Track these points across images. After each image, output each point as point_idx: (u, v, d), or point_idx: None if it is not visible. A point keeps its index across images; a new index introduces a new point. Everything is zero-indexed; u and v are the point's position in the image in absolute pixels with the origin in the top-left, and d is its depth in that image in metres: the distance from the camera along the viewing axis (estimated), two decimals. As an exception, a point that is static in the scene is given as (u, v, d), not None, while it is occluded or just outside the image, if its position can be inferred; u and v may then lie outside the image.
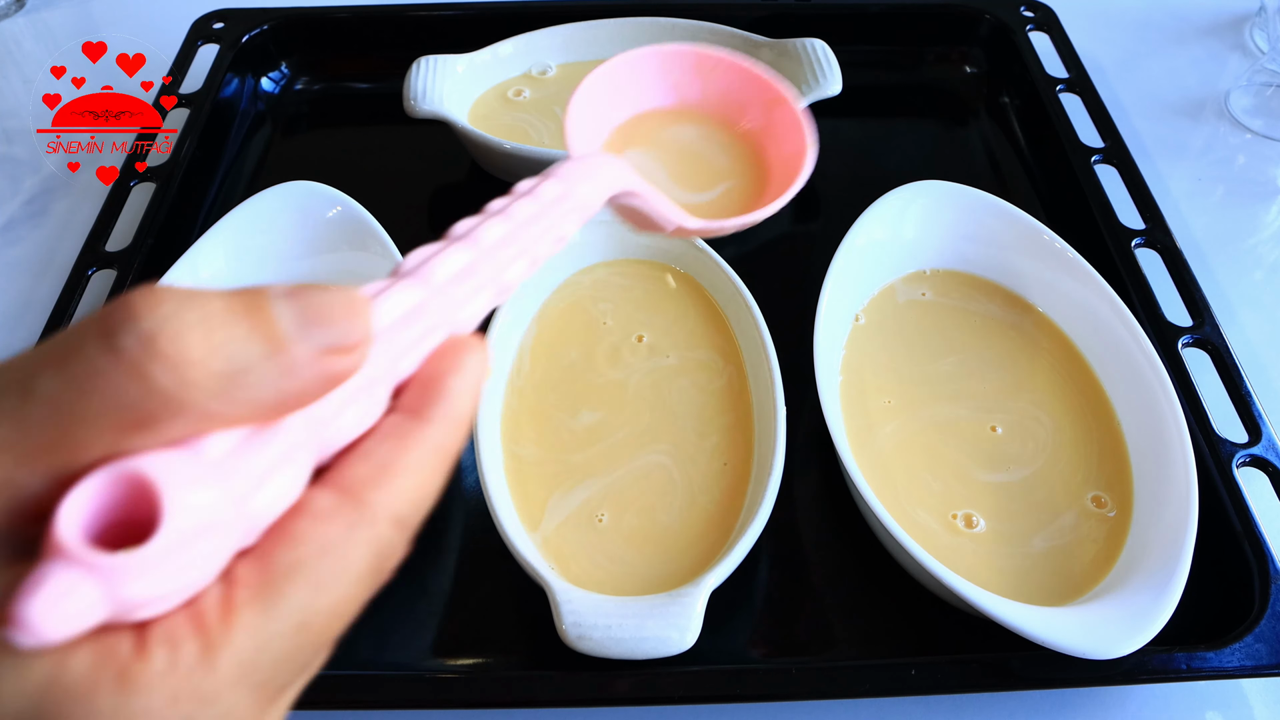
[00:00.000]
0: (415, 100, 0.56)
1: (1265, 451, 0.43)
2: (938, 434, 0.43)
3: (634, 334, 0.48)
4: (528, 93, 0.62)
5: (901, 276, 0.50)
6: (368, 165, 0.62)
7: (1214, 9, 0.75)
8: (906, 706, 0.39)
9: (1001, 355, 0.47)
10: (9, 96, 0.69)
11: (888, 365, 0.46)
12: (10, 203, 0.60)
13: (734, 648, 0.40)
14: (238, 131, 0.64)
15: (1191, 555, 0.37)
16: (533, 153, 0.55)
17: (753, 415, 0.44)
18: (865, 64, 0.65)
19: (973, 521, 0.41)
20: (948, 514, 0.41)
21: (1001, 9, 0.68)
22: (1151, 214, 0.54)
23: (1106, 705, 0.39)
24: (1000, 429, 0.44)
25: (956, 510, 0.41)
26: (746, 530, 0.37)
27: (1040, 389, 0.45)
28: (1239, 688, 0.40)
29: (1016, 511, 0.41)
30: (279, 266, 0.49)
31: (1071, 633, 0.35)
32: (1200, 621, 0.38)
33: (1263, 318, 0.53)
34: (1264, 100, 0.66)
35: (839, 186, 0.60)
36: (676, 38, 0.64)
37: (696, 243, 0.49)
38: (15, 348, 0.50)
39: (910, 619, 0.40)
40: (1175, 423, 0.41)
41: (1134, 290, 0.50)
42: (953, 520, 0.41)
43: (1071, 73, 0.63)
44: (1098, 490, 0.42)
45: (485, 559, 0.42)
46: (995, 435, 0.44)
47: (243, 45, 0.65)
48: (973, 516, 0.41)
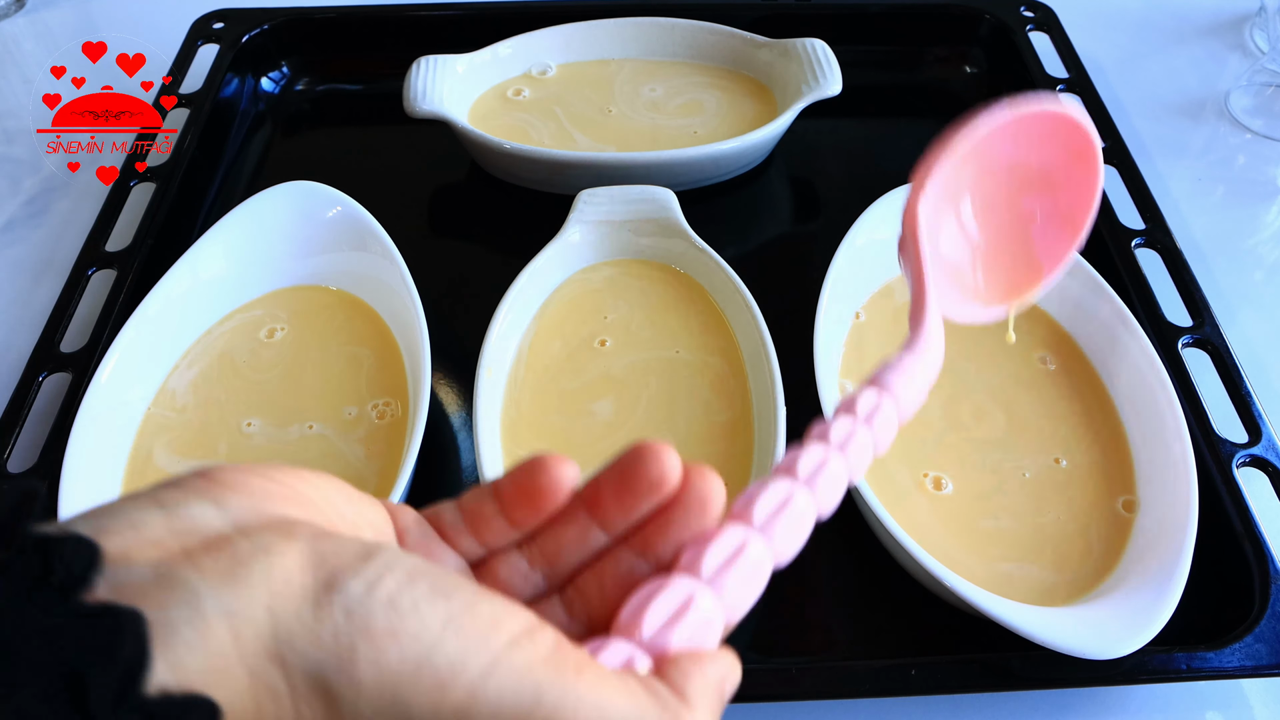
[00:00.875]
0: (415, 100, 0.56)
1: (1265, 451, 0.43)
2: (938, 433, 0.43)
3: (634, 334, 0.48)
4: (527, 93, 0.62)
5: (901, 276, 0.50)
6: (368, 165, 0.62)
7: (1214, 9, 0.75)
8: (906, 706, 0.39)
9: (1001, 355, 0.47)
10: (9, 96, 0.69)
11: (888, 365, 0.46)
12: (10, 203, 0.60)
13: (734, 648, 0.39)
14: (238, 131, 0.64)
15: (1191, 555, 0.37)
16: (532, 153, 0.55)
17: (753, 415, 0.44)
18: (865, 64, 0.65)
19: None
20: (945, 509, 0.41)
21: (1001, 9, 0.68)
22: (1151, 214, 0.54)
23: (1106, 705, 0.39)
24: (1001, 429, 0.44)
25: (958, 508, 0.41)
26: (746, 530, 0.37)
27: (1040, 388, 0.45)
28: (1239, 688, 0.40)
29: (1018, 511, 0.41)
30: (279, 266, 0.49)
31: (1071, 633, 0.35)
32: (1200, 621, 0.38)
33: (1263, 318, 0.53)
34: (1264, 100, 0.66)
35: (839, 186, 0.60)
36: (676, 38, 0.64)
37: (697, 242, 0.49)
38: (15, 348, 0.50)
39: (910, 619, 0.40)
40: (1175, 423, 0.41)
41: (1134, 290, 0.50)
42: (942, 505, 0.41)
43: (1071, 73, 0.63)
44: (1098, 490, 0.42)
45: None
46: (996, 435, 0.44)
47: (243, 45, 0.65)
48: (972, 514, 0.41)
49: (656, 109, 0.61)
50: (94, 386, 0.42)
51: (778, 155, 0.61)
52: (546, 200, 0.57)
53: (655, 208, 0.50)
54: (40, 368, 0.46)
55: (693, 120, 0.60)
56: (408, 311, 0.45)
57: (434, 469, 0.45)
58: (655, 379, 0.46)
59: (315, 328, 0.48)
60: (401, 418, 0.44)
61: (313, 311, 0.49)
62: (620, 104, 0.61)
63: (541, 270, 0.48)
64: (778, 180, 0.61)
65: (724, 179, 0.59)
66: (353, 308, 0.49)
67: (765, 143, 0.58)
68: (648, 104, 0.61)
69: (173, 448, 0.43)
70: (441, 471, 0.45)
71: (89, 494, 0.40)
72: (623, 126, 0.60)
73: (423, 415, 0.41)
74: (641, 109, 0.61)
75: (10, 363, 0.49)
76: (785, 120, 0.57)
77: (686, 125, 0.60)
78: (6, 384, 0.46)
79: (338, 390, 0.45)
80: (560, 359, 0.47)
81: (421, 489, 0.44)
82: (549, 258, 0.49)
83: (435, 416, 0.47)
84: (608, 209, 0.50)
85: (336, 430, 0.44)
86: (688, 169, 0.57)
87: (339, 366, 0.46)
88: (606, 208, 0.50)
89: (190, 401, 0.45)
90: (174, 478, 0.18)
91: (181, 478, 0.18)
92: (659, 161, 0.55)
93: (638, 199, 0.50)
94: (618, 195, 0.50)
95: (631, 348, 0.47)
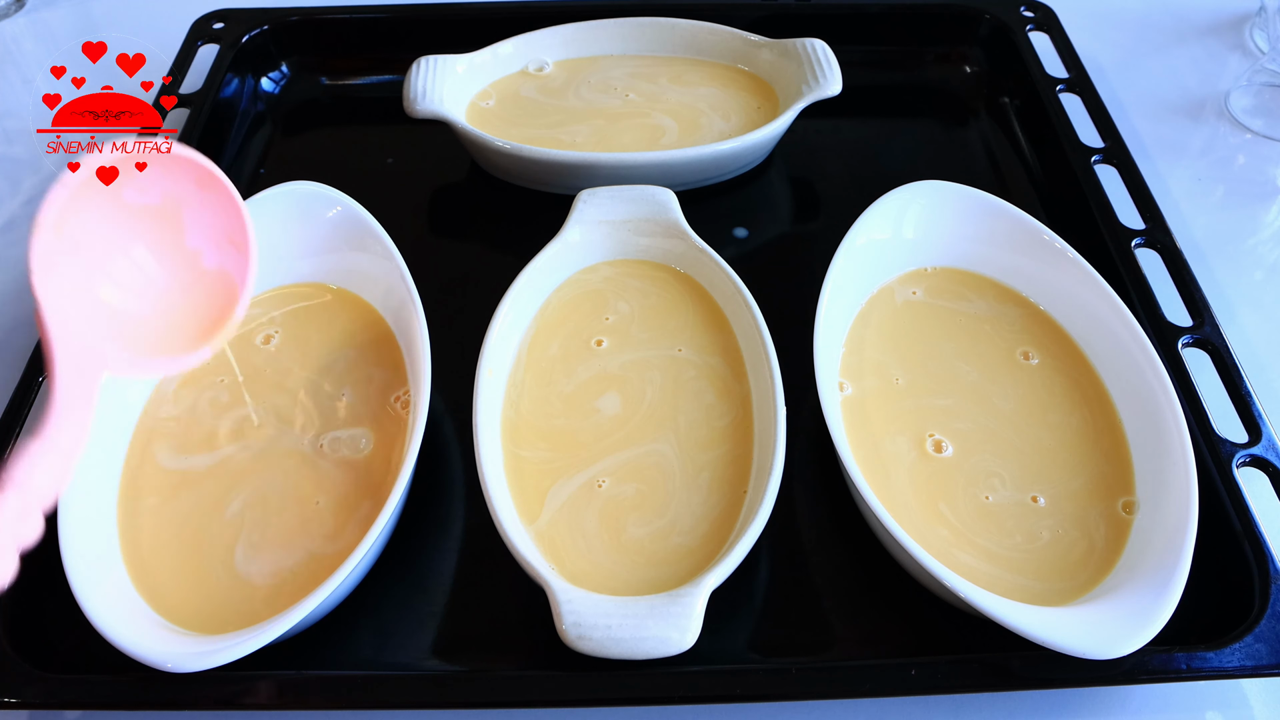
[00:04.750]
0: (415, 100, 0.57)
1: (1265, 451, 0.43)
2: (939, 433, 0.43)
3: (634, 334, 0.48)
4: (527, 92, 0.62)
5: (901, 276, 0.50)
6: (368, 165, 0.62)
7: (1214, 9, 0.75)
8: (906, 706, 0.39)
9: (1001, 355, 0.47)
10: (9, 96, 0.69)
11: (888, 365, 0.46)
12: (10, 203, 0.60)
13: (734, 648, 0.40)
14: (238, 131, 0.64)
15: (1191, 555, 0.37)
16: (532, 153, 0.55)
17: (752, 415, 0.44)
18: (865, 64, 0.65)
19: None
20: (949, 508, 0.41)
21: (1001, 9, 0.68)
22: (1151, 214, 0.54)
23: (1107, 705, 0.39)
24: (1000, 430, 0.44)
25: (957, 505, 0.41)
26: (746, 530, 0.37)
27: (1041, 389, 0.45)
28: (1239, 688, 0.40)
29: (1017, 511, 0.41)
30: (279, 266, 0.49)
31: (1071, 633, 0.35)
32: (1200, 621, 0.38)
33: (1263, 318, 0.53)
34: (1264, 100, 0.66)
35: (839, 186, 0.60)
36: (676, 38, 0.64)
37: (696, 242, 0.49)
38: (16, 348, 0.50)
39: (910, 619, 0.40)
40: (1175, 423, 0.41)
41: (1134, 290, 0.50)
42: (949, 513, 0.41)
43: (1071, 73, 0.63)
44: (1098, 490, 0.42)
45: (485, 559, 0.42)
46: (996, 434, 0.44)
47: (243, 45, 0.65)
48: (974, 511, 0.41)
49: (656, 109, 0.61)
50: (94, 386, 0.42)
51: (778, 155, 0.61)
52: (546, 200, 0.57)
53: (655, 208, 0.50)
54: (40, 368, 0.46)
55: (693, 120, 0.60)
56: (408, 311, 0.45)
57: (434, 469, 0.45)
58: (655, 379, 0.46)
59: (315, 326, 0.48)
60: (401, 417, 0.44)
61: (313, 310, 0.49)
62: (621, 104, 0.61)
63: (541, 270, 0.48)
64: (778, 180, 0.61)
65: (724, 179, 0.59)
66: (353, 306, 0.49)
67: (765, 143, 0.58)
68: (648, 104, 0.61)
69: (173, 448, 0.43)
70: (441, 472, 0.45)
71: (88, 494, 0.40)
72: (623, 126, 0.60)
73: (423, 415, 0.41)
74: (642, 109, 0.61)
75: (10, 363, 0.49)
76: (785, 120, 0.57)
77: (687, 125, 0.60)
78: (6, 384, 0.46)
79: (337, 390, 0.45)
80: (559, 358, 0.47)
81: (421, 489, 0.44)
82: (549, 258, 0.49)
83: (435, 416, 0.47)
84: (608, 209, 0.50)
85: (335, 429, 0.44)
86: (688, 169, 0.57)
87: (339, 365, 0.46)
88: (606, 208, 0.50)
89: (190, 401, 0.45)
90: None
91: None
92: (659, 161, 0.55)
93: (638, 199, 0.50)
94: (618, 195, 0.50)
95: (631, 348, 0.47)
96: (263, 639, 0.34)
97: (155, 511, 0.41)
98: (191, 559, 0.40)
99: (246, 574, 0.39)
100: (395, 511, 0.39)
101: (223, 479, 0.42)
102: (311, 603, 0.35)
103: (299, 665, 0.38)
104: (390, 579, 0.41)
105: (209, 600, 0.39)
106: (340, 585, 0.36)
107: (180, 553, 0.40)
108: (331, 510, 0.41)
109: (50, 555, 0.37)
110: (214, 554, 0.40)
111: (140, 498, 0.42)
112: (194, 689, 0.36)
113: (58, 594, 0.37)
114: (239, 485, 0.42)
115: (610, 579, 0.39)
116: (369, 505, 0.41)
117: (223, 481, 0.42)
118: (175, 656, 0.34)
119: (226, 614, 0.38)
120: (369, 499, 0.41)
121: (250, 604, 0.38)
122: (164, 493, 0.42)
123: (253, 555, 0.40)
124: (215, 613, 0.38)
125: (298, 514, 0.41)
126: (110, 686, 0.37)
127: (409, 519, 0.43)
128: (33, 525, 0.27)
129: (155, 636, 0.36)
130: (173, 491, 0.42)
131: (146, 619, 0.37)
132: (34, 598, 0.39)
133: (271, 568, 0.39)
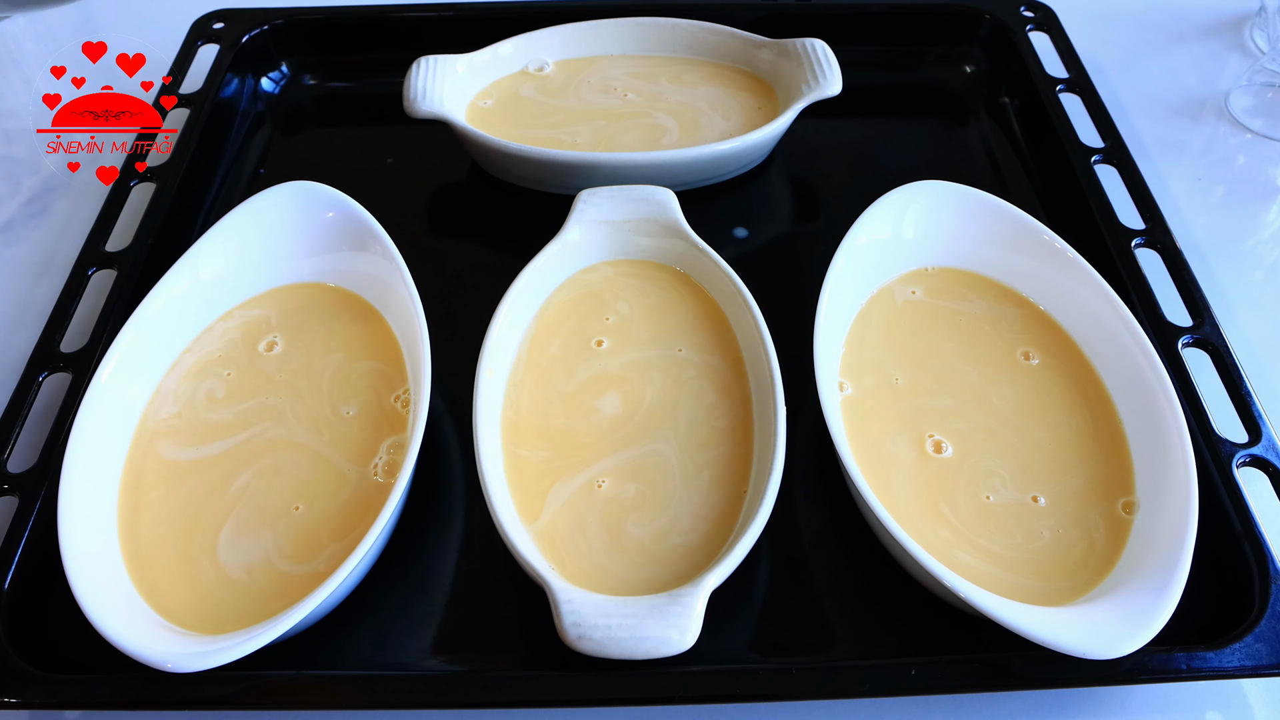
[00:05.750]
0: (415, 100, 0.57)
1: (1265, 451, 0.43)
2: (939, 433, 0.43)
3: (634, 334, 0.48)
4: (527, 91, 0.62)
5: (901, 276, 0.50)
6: (368, 165, 0.62)
7: (1214, 9, 0.75)
8: (906, 706, 0.39)
9: (1002, 355, 0.47)
10: (9, 96, 0.69)
11: (888, 365, 0.46)
12: (10, 203, 0.60)
13: (734, 648, 0.40)
14: (238, 131, 0.64)
15: (1191, 555, 0.37)
16: (532, 153, 0.55)
17: (752, 415, 0.44)
18: (865, 64, 0.65)
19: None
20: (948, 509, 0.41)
21: (1001, 9, 0.68)
22: (1151, 214, 0.54)
23: (1107, 705, 0.39)
24: (999, 430, 0.44)
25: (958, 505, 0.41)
26: (746, 530, 0.37)
27: (1041, 389, 0.45)
28: (1239, 688, 0.40)
29: (1018, 511, 0.41)
30: (279, 266, 0.49)
31: (1071, 633, 0.35)
32: (1200, 621, 0.38)
33: (1263, 318, 0.53)
34: (1264, 100, 0.66)
35: (839, 186, 0.60)
36: (676, 38, 0.64)
37: (696, 242, 0.49)
38: (15, 348, 0.50)
39: (910, 619, 0.40)
40: (1175, 423, 0.41)
41: (1134, 290, 0.50)
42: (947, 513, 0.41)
43: (1071, 73, 0.63)
44: (1099, 490, 0.42)
45: (485, 559, 0.42)
46: (996, 434, 0.44)
47: (243, 45, 0.65)
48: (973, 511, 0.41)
49: (657, 109, 0.61)
50: (94, 386, 0.42)
51: (778, 155, 0.61)
52: (546, 200, 0.57)
53: (655, 208, 0.50)
54: (40, 368, 0.46)
55: (694, 120, 0.60)
56: (408, 311, 0.45)
57: (434, 469, 0.45)
58: (655, 379, 0.46)
59: (315, 326, 0.48)
60: (401, 417, 0.44)
61: (313, 309, 0.49)
62: (621, 104, 0.61)
63: (541, 270, 0.48)
64: (778, 180, 0.61)
65: (724, 179, 0.59)
66: (353, 306, 0.49)
67: (765, 143, 0.58)
68: (648, 104, 0.61)
69: (173, 447, 0.43)
70: (441, 472, 0.45)
71: (89, 494, 0.40)
72: (623, 126, 0.60)
73: (423, 415, 0.41)
74: (642, 109, 0.61)
75: (10, 363, 0.49)
76: (785, 120, 0.57)
77: (687, 125, 0.60)
78: (6, 384, 0.46)
79: (337, 389, 0.45)
80: (559, 358, 0.47)
81: (421, 489, 0.44)
82: (549, 258, 0.49)
83: (435, 416, 0.47)
84: (608, 209, 0.50)
85: (336, 429, 0.44)
86: (688, 169, 0.57)
87: (339, 365, 0.46)
88: (606, 208, 0.50)
89: (190, 401, 0.45)
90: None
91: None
92: (659, 161, 0.55)
93: (638, 199, 0.50)
94: (618, 195, 0.50)
95: (631, 348, 0.47)
96: (263, 639, 0.34)
97: (155, 511, 0.41)
98: (192, 559, 0.40)
99: (247, 574, 0.39)
100: (395, 511, 0.39)
101: (222, 478, 0.42)
102: (311, 603, 0.35)
103: (299, 665, 0.38)
104: (390, 579, 0.41)
105: (209, 600, 0.39)
106: (340, 585, 0.36)
107: (180, 553, 0.40)
108: (331, 510, 0.41)
109: (50, 555, 0.37)
110: (214, 554, 0.40)
111: (140, 497, 0.42)
112: (194, 689, 0.36)
113: (58, 594, 0.37)
114: (239, 485, 0.42)
115: (610, 579, 0.39)
116: (369, 505, 0.41)
117: (222, 481, 0.42)
118: (175, 656, 0.34)
119: (227, 614, 0.38)
120: (369, 499, 0.41)
121: (250, 604, 0.38)
122: (163, 491, 0.42)
123: (253, 555, 0.40)
124: (215, 613, 0.38)
125: (297, 514, 0.41)
126: (110, 686, 0.37)
127: (409, 519, 0.43)
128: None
129: (155, 636, 0.36)
130: (172, 491, 0.42)
131: (146, 619, 0.37)
132: (34, 598, 0.39)
133: (271, 568, 0.39)
